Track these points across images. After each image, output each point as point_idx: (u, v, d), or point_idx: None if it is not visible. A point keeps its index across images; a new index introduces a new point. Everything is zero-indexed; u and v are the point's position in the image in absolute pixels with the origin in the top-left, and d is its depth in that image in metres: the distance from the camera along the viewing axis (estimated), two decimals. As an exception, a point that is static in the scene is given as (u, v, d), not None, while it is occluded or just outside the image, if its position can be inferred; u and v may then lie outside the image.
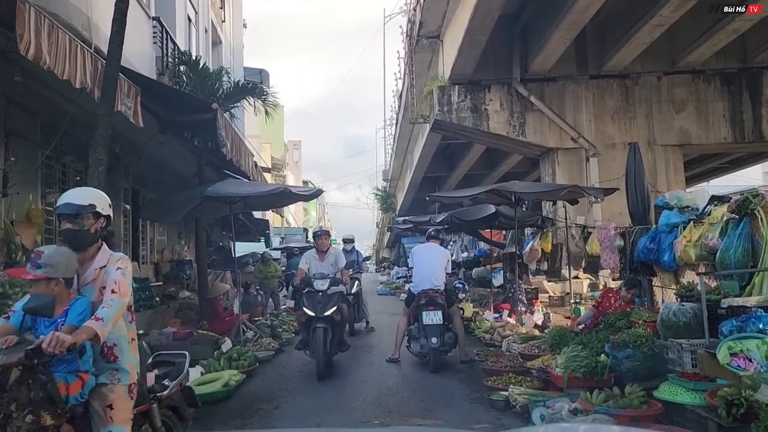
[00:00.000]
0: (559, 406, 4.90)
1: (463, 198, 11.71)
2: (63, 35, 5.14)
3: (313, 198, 13.67)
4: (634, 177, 8.22)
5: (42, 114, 7.92)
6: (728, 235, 5.78)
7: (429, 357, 7.35)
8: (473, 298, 13.26)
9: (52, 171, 8.76)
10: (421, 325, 7.49)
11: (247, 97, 12.67)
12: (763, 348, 4.25)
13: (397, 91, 26.29)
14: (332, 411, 5.69)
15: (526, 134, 13.94)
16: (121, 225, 11.19)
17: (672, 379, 4.83)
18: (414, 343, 7.77)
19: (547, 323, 10.13)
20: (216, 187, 9.02)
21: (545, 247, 12.10)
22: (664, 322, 5.61)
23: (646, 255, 7.34)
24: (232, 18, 21.53)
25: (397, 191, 37.19)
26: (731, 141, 14.06)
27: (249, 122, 21.96)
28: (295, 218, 47.93)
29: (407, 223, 20.07)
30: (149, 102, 7.45)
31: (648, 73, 14.00)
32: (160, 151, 11.25)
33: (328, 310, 7.20)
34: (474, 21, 11.29)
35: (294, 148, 56.91)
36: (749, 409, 3.81)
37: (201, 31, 16.16)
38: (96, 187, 5.63)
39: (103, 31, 6.99)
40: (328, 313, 7.17)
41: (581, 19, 11.17)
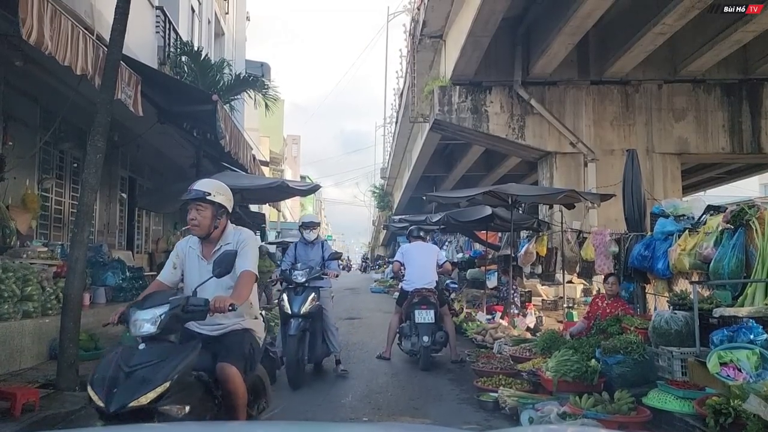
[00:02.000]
0: (548, 409, 4.91)
1: (460, 198, 11.71)
2: (66, 21, 5.13)
3: (310, 193, 13.67)
4: (631, 184, 8.24)
5: (42, 99, 7.91)
6: (723, 245, 5.81)
7: (420, 355, 7.40)
8: (467, 298, 13.27)
9: (49, 157, 8.75)
10: (413, 324, 7.58)
11: (248, 89, 12.66)
12: (753, 358, 4.27)
13: (398, 89, 26.29)
14: (321, 406, 5.70)
15: (525, 137, 13.96)
16: (117, 213, 11.17)
17: (661, 387, 4.86)
18: (405, 340, 7.85)
19: (539, 326, 10.16)
20: (214, 179, 8.99)
21: (540, 250, 12.12)
22: (656, 329, 5.63)
23: (641, 262, 7.36)
24: (235, 10, 21.50)
25: (395, 189, 37.21)
26: (729, 151, 14.11)
27: (249, 115, 21.94)
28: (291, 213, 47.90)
29: (404, 221, 20.08)
30: (149, 91, 7.44)
31: (649, 80, 14.04)
32: (159, 141, 11.23)
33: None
34: (477, 22, 11.30)
35: (293, 143, 56.86)
36: (737, 418, 3.83)
37: (204, 22, 16.13)
38: (93, 175, 5.65)
39: (106, 19, 6.97)
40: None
41: (584, 25, 11.19)
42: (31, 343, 6.16)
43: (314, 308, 6.48)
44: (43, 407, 4.72)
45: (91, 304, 8.09)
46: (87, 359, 6.31)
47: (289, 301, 6.44)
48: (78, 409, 4.88)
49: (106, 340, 7.35)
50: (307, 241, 7.17)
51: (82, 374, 5.58)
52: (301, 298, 6.40)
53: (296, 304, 6.36)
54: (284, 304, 6.47)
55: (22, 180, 7.68)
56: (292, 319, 6.31)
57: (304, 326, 6.35)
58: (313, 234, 7.24)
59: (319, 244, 7.21)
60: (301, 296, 6.41)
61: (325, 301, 6.86)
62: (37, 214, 7.97)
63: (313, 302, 6.44)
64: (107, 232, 10.80)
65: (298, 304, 6.35)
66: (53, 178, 8.86)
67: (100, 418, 2.61)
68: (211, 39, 17.24)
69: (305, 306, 6.34)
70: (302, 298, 6.40)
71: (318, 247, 7.16)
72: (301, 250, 7.13)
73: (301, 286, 6.49)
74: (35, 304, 6.42)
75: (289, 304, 6.42)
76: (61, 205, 9.24)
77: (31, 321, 6.27)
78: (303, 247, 7.16)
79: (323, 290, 6.87)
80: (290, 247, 7.40)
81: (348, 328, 11.22)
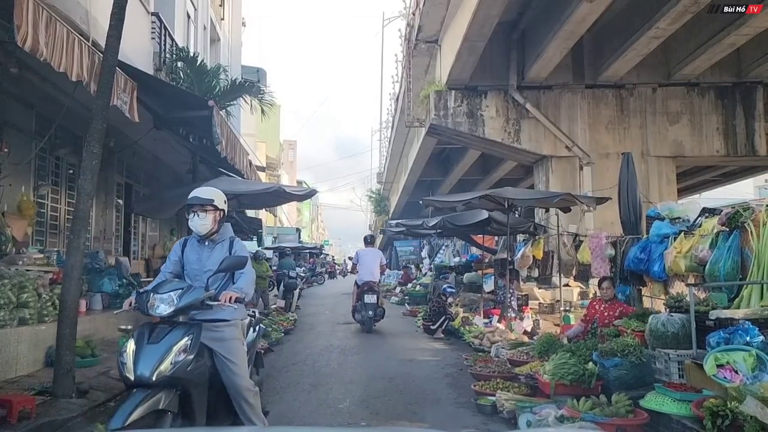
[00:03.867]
0: (545, 413, 4.91)
1: (457, 203, 11.73)
2: (61, 27, 5.13)
3: (306, 198, 13.69)
4: (626, 187, 8.27)
5: (37, 106, 7.89)
6: (718, 248, 5.83)
7: (365, 323, 11.16)
8: (464, 302, 13.27)
9: (45, 163, 8.73)
10: (362, 303, 11.30)
11: (244, 95, 12.66)
12: (750, 360, 4.28)
13: (393, 94, 26.35)
14: (319, 411, 5.69)
15: (520, 141, 14.01)
16: (113, 219, 11.15)
17: (659, 389, 4.86)
18: (357, 314, 11.59)
19: (536, 330, 10.16)
20: (210, 185, 8.98)
21: (537, 254, 12.14)
22: (653, 332, 5.64)
23: (637, 265, 7.38)
24: (231, 16, 21.53)
25: (391, 194, 37.22)
26: (724, 154, 14.18)
27: (245, 121, 21.93)
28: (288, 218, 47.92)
29: (400, 226, 20.06)
30: (145, 97, 7.45)
31: (643, 84, 14.11)
32: (155, 147, 11.22)
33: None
34: (473, 27, 11.35)
35: (289, 148, 56.88)
36: (734, 420, 3.83)
37: (200, 28, 16.14)
38: (89, 181, 5.64)
39: (101, 25, 6.97)
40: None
41: (578, 29, 11.24)
42: (28, 350, 6.13)
43: (188, 368, 3.38)
44: (39, 414, 4.69)
45: (87, 311, 8.05)
46: (83, 366, 6.29)
47: (135, 353, 3.35)
48: (75, 416, 4.87)
49: (102, 347, 7.33)
50: (202, 238, 3.96)
51: (79, 381, 5.56)
52: (158, 350, 3.34)
53: (145, 361, 3.29)
54: (124, 361, 3.34)
55: (18, 186, 7.65)
56: (137, 391, 3.25)
57: (156, 403, 3.23)
58: (206, 221, 3.87)
59: (223, 244, 3.97)
60: (159, 344, 3.37)
61: (230, 347, 3.77)
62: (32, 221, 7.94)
63: (184, 356, 3.37)
64: (103, 239, 10.77)
65: (149, 362, 3.28)
66: (49, 185, 8.84)
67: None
68: (206, 45, 17.25)
69: (164, 364, 3.29)
70: (161, 348, 3.35)
71: (221, 247, 3.96)
72: (191, 253, 4.01)
73: (165, 323, 3.50)
74: (31, 311, 6.39)
75: (132, 362, 3.31)
76: (57, 211, 9.21)
77: (28, 328, 6.24)
78: (195, 247, 4.00)
79: (226, 328, 3.79)
80: (175, 246, 4.16)
81: (345, 333, 11.23)
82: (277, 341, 9.89)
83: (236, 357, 3.82)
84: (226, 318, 3.83)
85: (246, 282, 3.89)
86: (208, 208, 3.94)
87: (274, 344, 9.58)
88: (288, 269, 17.25)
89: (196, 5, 15.51)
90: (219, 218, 4.01)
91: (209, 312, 3.71)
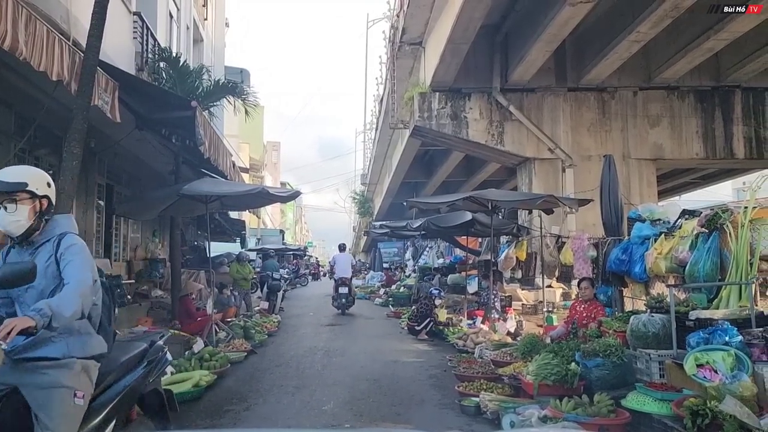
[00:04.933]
0: (529, 413, 4.95)
1: (441, 204, 11.77)
2: (41, 26, 5.06)
3: (290, 199, 13.66)
4: (608, 189, 8.36)
5: (16, 105, 7.77)
6: (698, 249, 5.91)
7: (340, 308, 15.01)
8: (448, 304, 13.31)
9: (24, 164, 8.59)
10: (337, 294, 15.29)
11: (227, 96, 12.57)
12: (729, 360, 4.34)
13: (377, 96, 26.36)
14: (303, 413, 5.67)
15: (504, 143, 14.09)
16: (94, 221, 11.01)
17: (640, 389, 4.91)
18: (335, 301, 15.33)
19: (519, 331, 10.22)
20: (192, 186, 8.93)
21: (520, 255, 12.21)
22: (634, 332, 5.70)
23: (618, 266, 7.46)
24: (214, 16, 21.37)
25: (375, 195, 37.22)
26: (703, 157, 14.40)
27: (228, 122, 21.79)
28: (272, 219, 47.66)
29: (384, 227, 20.08)
30: (127, 97, 7.36)
31: (624, 87, 14.27)
32: (137, 148, 11.09)
33: None
34: (456, 29, 11.39)
35: (273, 150, 56.57)
36: (714, 419, 3.89)
37: (182, 28, 16.00)
38: (69, 182, 5.57)
39: (83, 24, 6.89)
40: None
41: (561, 33, 11.34)
42: (6, 353, 6.02)
43: None
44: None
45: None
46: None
47: None
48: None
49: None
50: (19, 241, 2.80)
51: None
52: None
53: None
54: None
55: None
56: None
57: None
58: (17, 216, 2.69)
59: (48, 245, 2.79)
60: None
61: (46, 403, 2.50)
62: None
63: None
64: (84, 240, 10.63)
65: None
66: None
67: None
68: (189, 45, 17.11)
69: None
70: None
71: (46, 250, 2.77)
72: None
73: None
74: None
75: None
76: (36, 212, 9.07)
77: None
78: (16, 257, 2.83)
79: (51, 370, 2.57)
80: None
81: (329, 335, 11.20)
82: (260, 343, 9.85)
83: (51, 420, 2.43)
84: (55, 355, 2.54)
85: (68, 296, 2.49)
86: (20, 197, 2.65)
87: (257, 346, 9.54)
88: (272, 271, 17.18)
89: (178, 5, 15.38)
90: (41, 209, 2.74)
91: (37, 344, 2.52)
